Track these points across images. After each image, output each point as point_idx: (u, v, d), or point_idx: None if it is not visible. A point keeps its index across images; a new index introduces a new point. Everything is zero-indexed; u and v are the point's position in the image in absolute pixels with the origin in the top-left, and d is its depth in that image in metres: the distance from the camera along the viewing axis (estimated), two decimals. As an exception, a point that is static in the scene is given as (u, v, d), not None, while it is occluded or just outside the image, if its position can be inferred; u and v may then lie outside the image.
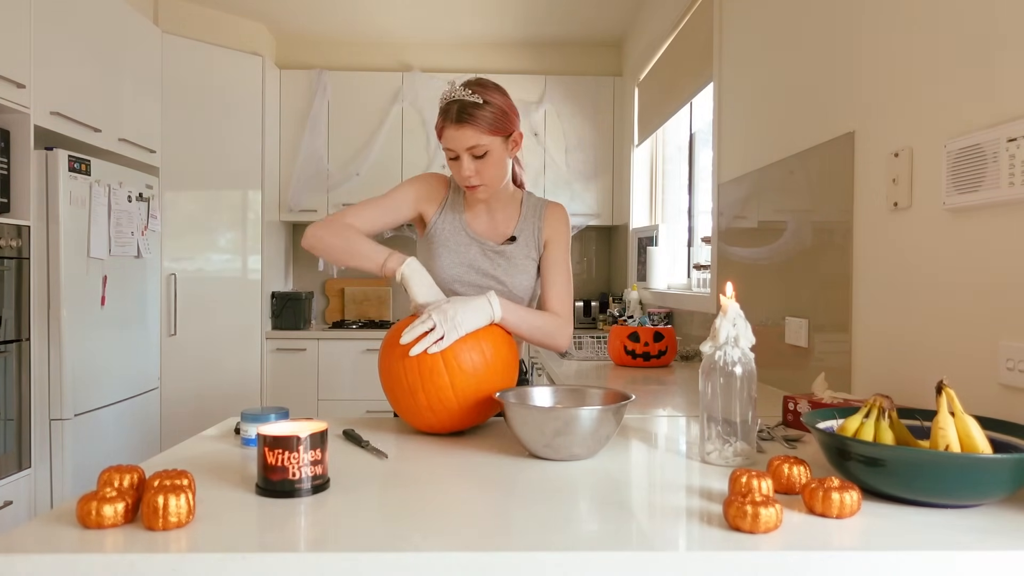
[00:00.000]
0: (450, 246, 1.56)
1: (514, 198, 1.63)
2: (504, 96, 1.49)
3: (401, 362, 1.30)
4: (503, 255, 1.56)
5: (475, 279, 1.55)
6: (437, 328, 1.29)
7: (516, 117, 1.51)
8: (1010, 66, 1.17)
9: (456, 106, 1.43)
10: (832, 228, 1.74)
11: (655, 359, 2.45)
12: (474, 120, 1.42)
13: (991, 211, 1.20)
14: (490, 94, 1.45)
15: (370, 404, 3.98)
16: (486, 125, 1.43)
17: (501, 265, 1.56)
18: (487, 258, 1.56)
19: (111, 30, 3.14)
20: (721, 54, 2.58)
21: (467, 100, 1.43)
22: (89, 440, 2.88)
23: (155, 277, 3.51)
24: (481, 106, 1.43)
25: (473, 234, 1.57)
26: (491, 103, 1.44)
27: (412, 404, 1.30)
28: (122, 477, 0.91)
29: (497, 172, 1.50)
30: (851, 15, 1.67)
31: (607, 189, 4.39)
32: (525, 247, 1.58)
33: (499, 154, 1.48)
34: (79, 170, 2.79)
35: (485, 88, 1.46)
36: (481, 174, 1.48)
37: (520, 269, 1.57)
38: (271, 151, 4.05)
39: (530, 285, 1.59)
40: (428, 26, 4.26)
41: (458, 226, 1.58)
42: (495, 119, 1.44)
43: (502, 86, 1.51)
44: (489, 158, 1.46)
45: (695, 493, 0.99)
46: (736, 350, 1.14)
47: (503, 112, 1.46)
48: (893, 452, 0.92)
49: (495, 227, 1.60)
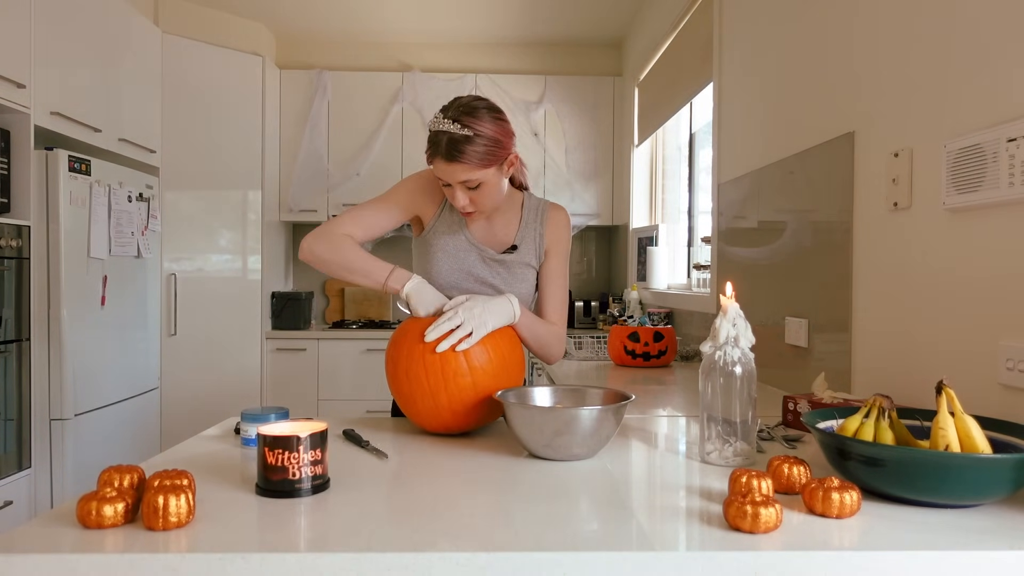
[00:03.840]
0: (449, 251, 1.51)
1: (514, 202, 1.58)
2: (495, 123, 1.38)
3: (422, 363, 1.29)
4: (503, 264, 1.53)
5: (472, 287, 1.51)
6: (465, 325, 1.29)
7: (510, 140, 1.42)
8: (1010, 66, 1.17)
9: (445, 139, 1.34)
10: (832, 228, 1.74)
11: (655, 359, 2.45)
12: (464, 156, 1.34)
13: (991, 211, 1.20)
14: (481, 124, 1.35)
15: (370, 404, 3.99)
16: (477, 160, 1.35)
17: (500, 274, 1.52)
18: (486, 266, 1.52)
19: (111, 30, 3.14)
20: (721, 54, 2.58)
21: (456, 135, 1.33)
22: (89, 440, 2.88)
23: (155, 277, 3.51)
24: (471, 140, 1.34)
25: (472, 239, 1.52)
26: (482, 135, 1.35)
27: (432, 405, 1.28)
28: (122, 477, 0.91)
29: (493, 197, 1.45)
30: (851, 15, 1.67)
31: (607, 189, 4.39)
32: (525, 255, 1.54)
33: (494, 181, 1.42)
34: (79, 170, 2.79)
35: (475, 117, 1.35)
36: (476, 202, 1.42)
37: (519, 279, 1.53)
38: (271, 151, 4.05)
39: (529, 293, 1.56)
40: (428, 26, 4.26)
41: (457, 230, 1.52)
42: (487, 152, 1.36)
43: (494, 107, 1.41)
44: (483, 188, 1.40)
45: (695, 493, 0.99)
46: (736, 350, 1.14)
47: (495, 142, 1.37)
48: (893, 452, 0.92)
49: (495, 234, 1.55)
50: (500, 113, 1.41)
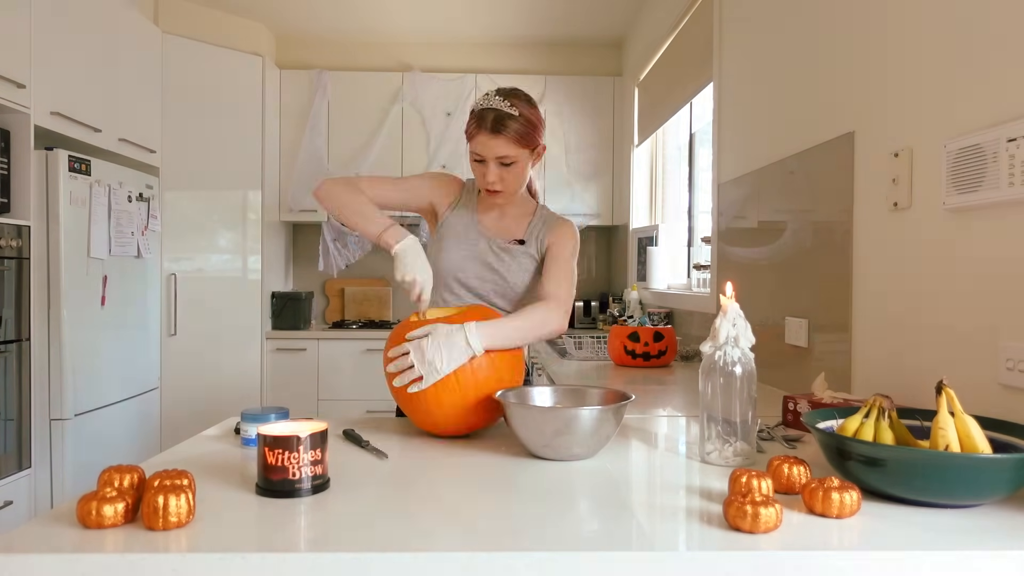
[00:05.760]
0: (459, 236, 1.62)
1: (527, 207, 1.68)
2: (535, 109, 1.54)
3: None
4: (508, 252, 1.62)
5: (477, 271, 1.60)
6: (416, 368, 1.25)
7: (543, 129, 1.57)
8: (1010, 66, 1.17)
9: (492, 115, 1.49)
10: (832, 228, 1.74)
11: (655, 359, 2.45)
12: (508, 132, 1.48)
13: (991, 211, 1.20)
14: (523, 107, 1.51)
15: (370, 404, 3.98)
16: (518, 137, 1.50)
17: (504, 261, 1.61)
18: (492, 253, 1.61)
19: (111, 30, 3.13)
20: (721, 54, 2.58)
21: (504, 111, 1.48)
22: (89, 440, 2.88)
23: (155, 277, 3.51)
24: (516, 118, 1.49)
25: (483, 230, 1.63)
26: (524, 116, 1.50)
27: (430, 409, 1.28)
28: (122, 477, 0.91)
29: (519, 181, 1.57)
30: (851, 15, 1.67)
31: (607, 189, 4.39)
32: (529, 248, 1.63)
33: (524, 164, 1.55)
34: (79, 170, 2.79)
35: (519, 100, 1.52)
36: (504, 181, 1.54)
37: (522, 267, 1.61)
38: (271, 151, 4.05)
39: (526, 281, 1.62)
40: (428, 26, 4.26)
41: (469, 221, 1.64)
42: (527, 132, 1.51)
43: (532, 98, 1.56)
44: (515, 168, 1.53)
45: (695, 493, 0.99)
46: (736, 350, 1.14)
47: (534, 126, 1.52)
48: (893, 452, 0.92)
49: (505, 227, 1.65)
50: (536, 105, 1.57)
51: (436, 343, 1.26)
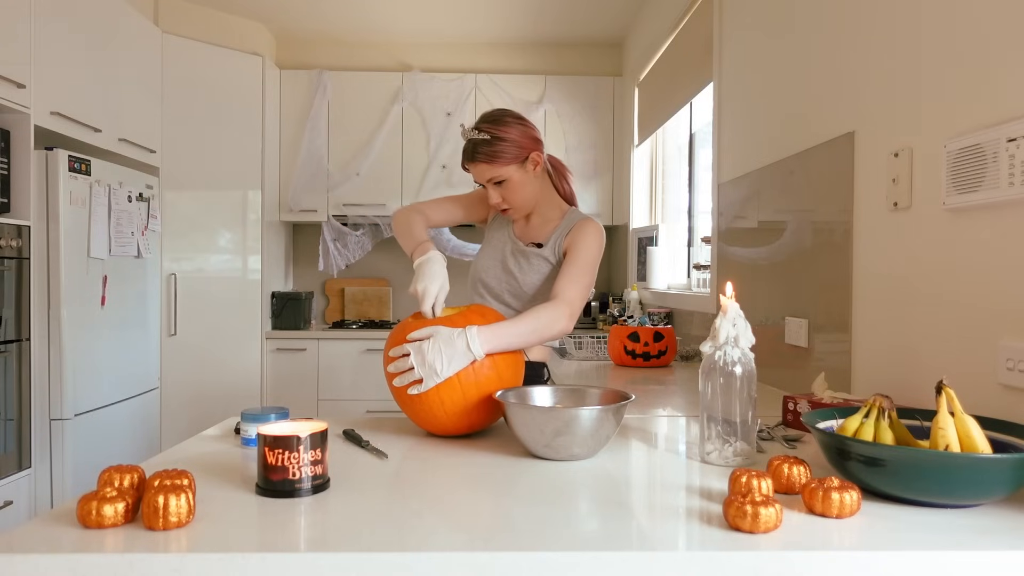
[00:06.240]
0: (492, 242, 1.77)
1: (555, 212, 1.74)
2: (514, 126, 1.60)
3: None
4: (524, 255, 1.70)
5: (496, 273, 1.73)
6: (416, 370, 1.26)
7: (531, 140, 1.62)
8: (1010, 66, 1.17)
9: (469, 146, 1.61)
10: (832, 228, 1.74)
11: (655, 359, 2.45)
12: (483, 156, 1.59)
13: (991, 211, 1.20)
14: (499, 128, 1.59)
15: (370, 404, 3.99)
16: (495, 158, 1.59)
17: (520, 264, 1.70)
18: (512, 256, 1.72)
19: (111, 30, 3.13)
20: (721, 54, 2.58)
21: (474, 139, 1.60)
22: (89, 440, 2.88)
23: (155, 277, 3.51)
24: (490, 142, 1.58)
25: (512, 235, 1.75)
26: (500, 137, 1.58)
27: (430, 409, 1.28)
28: (122, 477, 0.91)
29: (522, 194, 1.65)
30: (851, 15, 1.67)
31: (607, 189, 4.39)
32: (546, 252, 1.69)
33: (518, 178, 1.62)
34: (79, 170, 2.79)
35: (495, 123, 1.60)
36: (507, 199, 1.65)
37: (535, 270, 1.69)
38: (271, 151, 4.05)
39: (538, 283, 1.69)
40: (428, 26, 4.26)
41: (505, 229, 1.77)
42: (503, 151, 1.58)
43: (516, 114, 1.63)
44: (509, 184, 1.62)
45: (695, 493, 0.99)
46: (736, 350, 1.14)
47: (511, 142, 1.59)
48: (893, 452, 0.92)
49: (530, 232, 1.75)
50: (522, 119, 1.64)
51: (437, 346, 1.25)
